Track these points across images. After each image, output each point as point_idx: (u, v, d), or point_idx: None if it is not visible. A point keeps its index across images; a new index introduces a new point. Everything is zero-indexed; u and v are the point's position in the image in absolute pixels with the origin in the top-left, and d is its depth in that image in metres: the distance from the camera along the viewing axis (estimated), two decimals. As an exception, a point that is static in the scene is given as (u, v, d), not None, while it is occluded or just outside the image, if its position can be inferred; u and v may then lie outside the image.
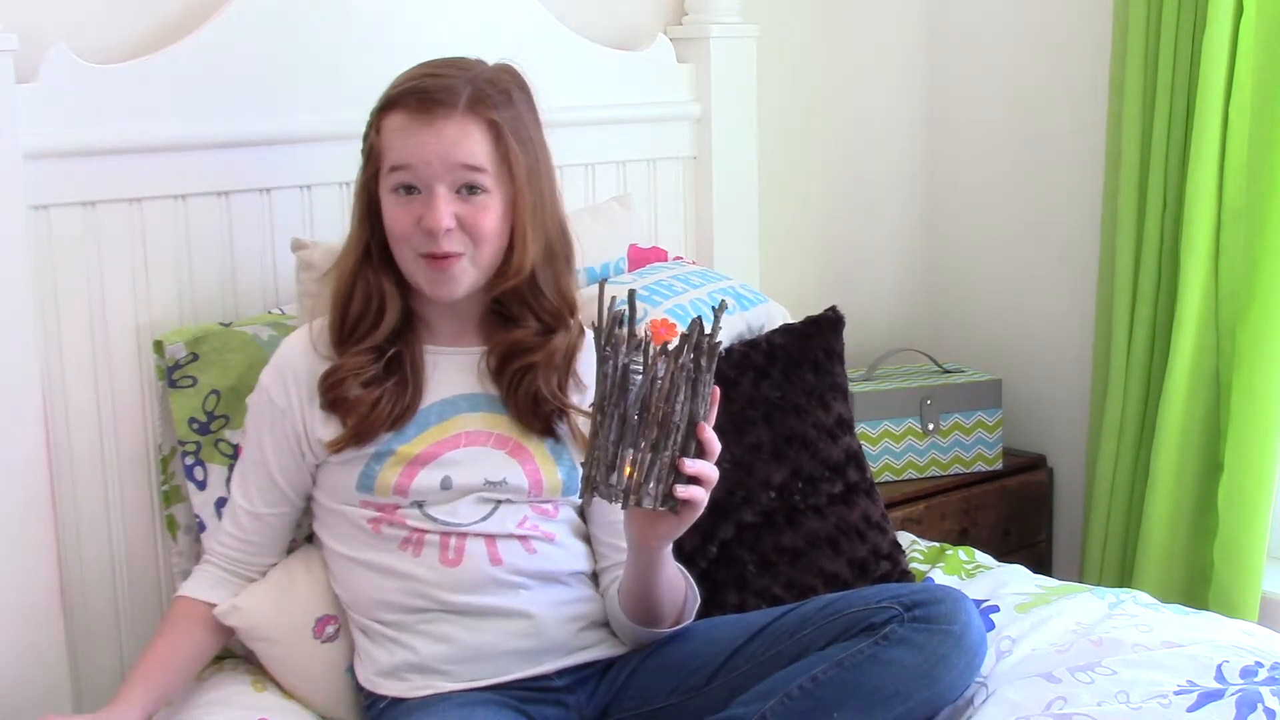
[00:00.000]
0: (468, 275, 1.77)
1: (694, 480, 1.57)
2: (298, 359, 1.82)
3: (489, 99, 1.76)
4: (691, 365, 1.54)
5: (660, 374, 1.53)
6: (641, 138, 2.57)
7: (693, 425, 1.56)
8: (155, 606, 2.10)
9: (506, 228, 1.77)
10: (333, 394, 1.77)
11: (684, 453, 1.56)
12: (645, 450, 1.54)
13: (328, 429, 1.78)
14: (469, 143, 1.74)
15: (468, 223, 1.74)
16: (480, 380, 1.83)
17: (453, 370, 1.83)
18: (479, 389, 1.83)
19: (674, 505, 1.57)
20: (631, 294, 1.59)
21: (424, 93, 1.74)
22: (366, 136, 1.81)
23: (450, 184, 1.73)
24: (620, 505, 1.57)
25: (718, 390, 1.58)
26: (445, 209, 1.72)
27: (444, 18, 2.28)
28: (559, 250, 1.85)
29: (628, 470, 1.54)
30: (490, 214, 1.75)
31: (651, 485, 1.55)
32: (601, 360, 1.54)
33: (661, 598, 1.77)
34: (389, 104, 1.77)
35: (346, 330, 1.80)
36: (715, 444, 1.58)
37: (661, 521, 1.63)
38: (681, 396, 1.54)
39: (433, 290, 1.77)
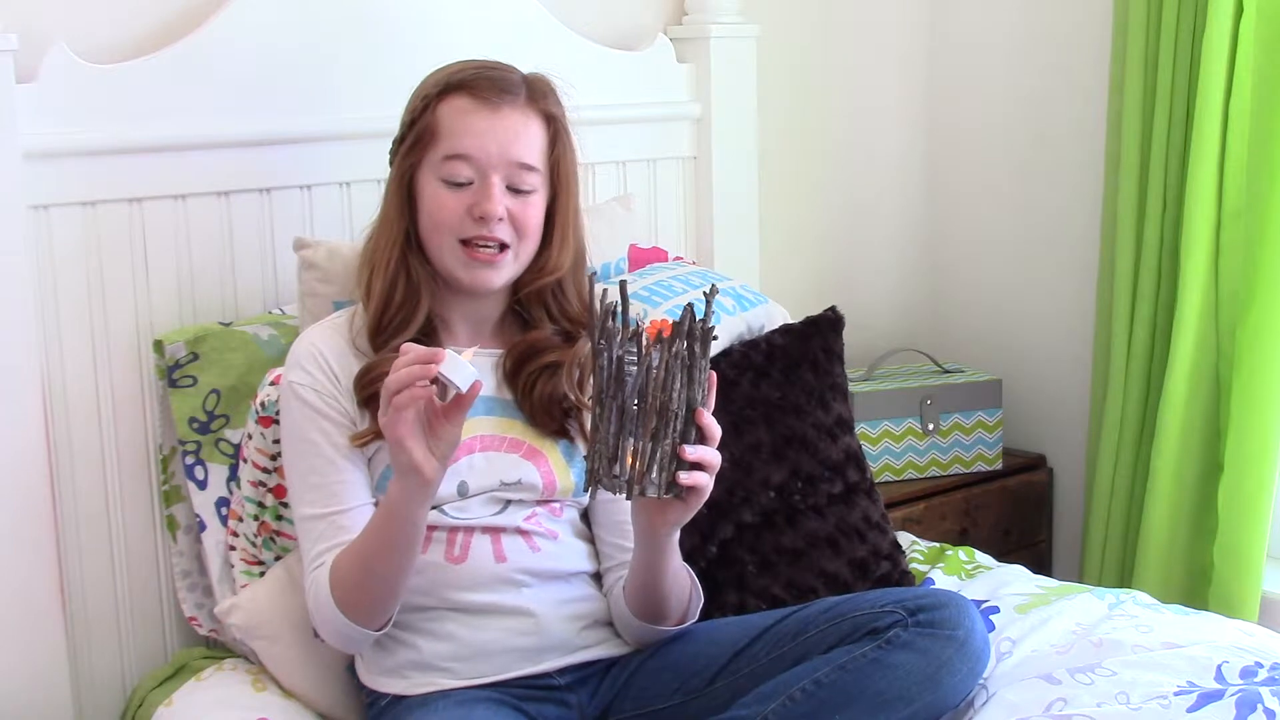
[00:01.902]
0: (509, 268, 1.79)
1: (697, 466, 1.58)
2: (329, 354, 1.78)
3: (545, 94, 1.81)
4: (686, 353, 1.54)
5: (655, 363, 1.54)
6: (641, 138, 2.57)
7: (691, 412, 1.56)
8: (155, 606, 2.10)
9: (542, 227, 1.81)
10: (368, 391, 1.75)
11: (684, 440, 1.56)
12: (645, 440, 1.55)
13: (362, 423, 1.77)
14: (529, 136, 1.78)
15: (516, 216, 1.77)
16: (496, 383, 1.83)
17: None
18: (494, 392, 1.83)
19: (679, 492, 1.58)
20: (623, 284, 1.60)
21: (490, 81, 1.77)
22: (415, 121, 1.79)
23: (504, 177, 1.76)
24: (625, 496, 1.57)
25: (714, 375, 1.59)
26: (500, 198, 1.75)
27: (444, 18, 2.28)
28: (582, 258, 1.87)
29: (630, 461, 1.55)
30: (536, 210, 1.79)
31: (654, 474, 1.55)
32: (596, 354, 1.55)
33: (668, 592, 1.77)
34: (452, 87, 1.77)
35: (383, 325, 1.78)
36: (715, 429, 1.59)
37: (669, 508, 1.63)
38: (678, 384, 1.54)
39: (471, 278, 1.77)
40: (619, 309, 1.56)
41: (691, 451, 1.56)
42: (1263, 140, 2.40)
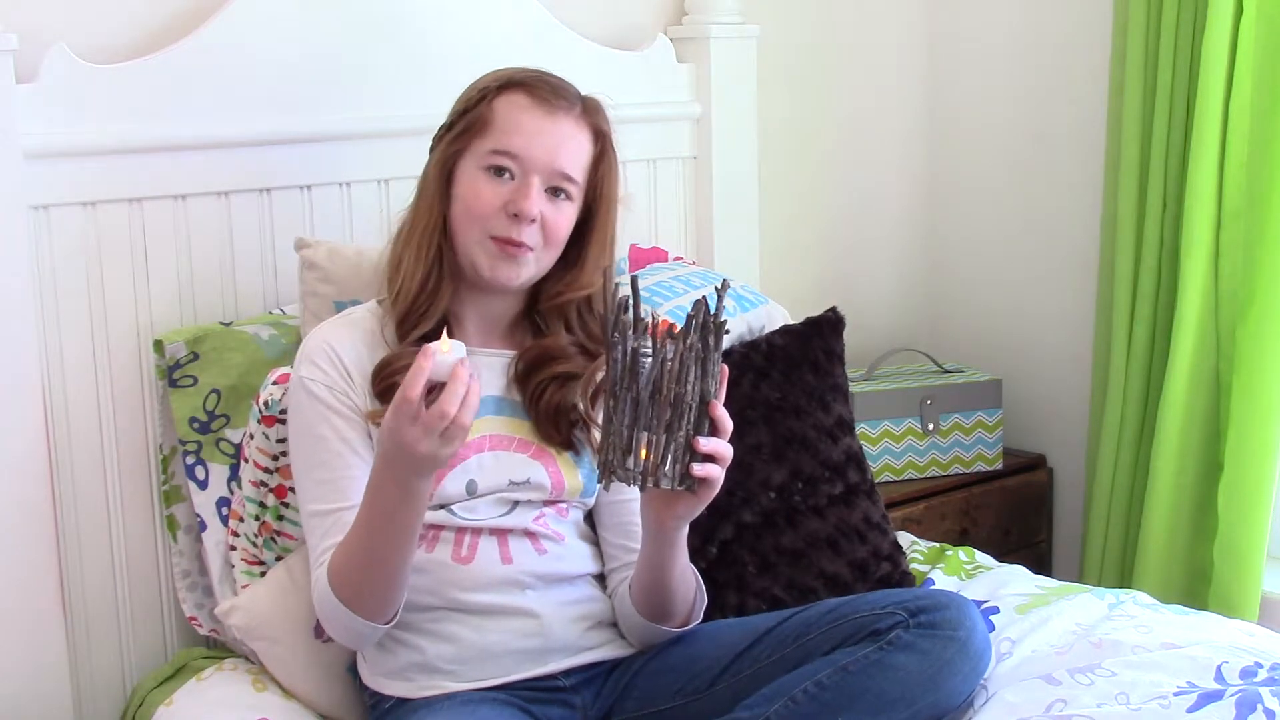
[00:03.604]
0: (530, 269, 1.78)
1: (709, 458, 1.58)
2: (342, 350, 1.77)
3: (598, 111, 1.83)
4: (700, 345, 1.55)
5: (669, 355, 1.55)
6: (641, 138, 2.56)
7: (704, 404, 1.57)
8: (155, 607, 2.10)
9: (567, 239, 1.80)
10: (385, 383, 1.74)
11: (698, 431, 1.57)
12: (660, 432, 1.55)
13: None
14: (576, 146, 1.78)
15: (548, 222, 1.76)
16: (505, 384, 1.83)
17: (481, 371, 1.82)
18: (502, 393, 1.83)
19: (691, 484, 1.58)
20: (634, 279, 1.60)
21: (550, 86, 1.79)
22: (468, 110, 1.79)
23: (544, 180, 1.76)
24: (639, 487, 1.57)
25: (726, 369, 1.60)
26: (537, 200, 1.75)
27: (445, 18, 2.28)
28: (610, 280, 1.86)
29: (644, 453, 1.55)
30: (567, 219, 1.79)
31: (668, 466, 1.56)
32: (610, 346, 1.56)
33: (674, 590, 1.77)
34: (513, 84, 1.78)
35: (412, 312, 1.77)
36: (728, 421, 1.59)
37: (680, 501, 1.63)
38: (692, 376, 1.55)
39: (494, 272, 1.76)
40: (630, 303, 1.56)
41: (705, 443, 1.57)
42: (1263, 140, 2.40)
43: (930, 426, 2.75)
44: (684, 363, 1.55)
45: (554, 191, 1.77)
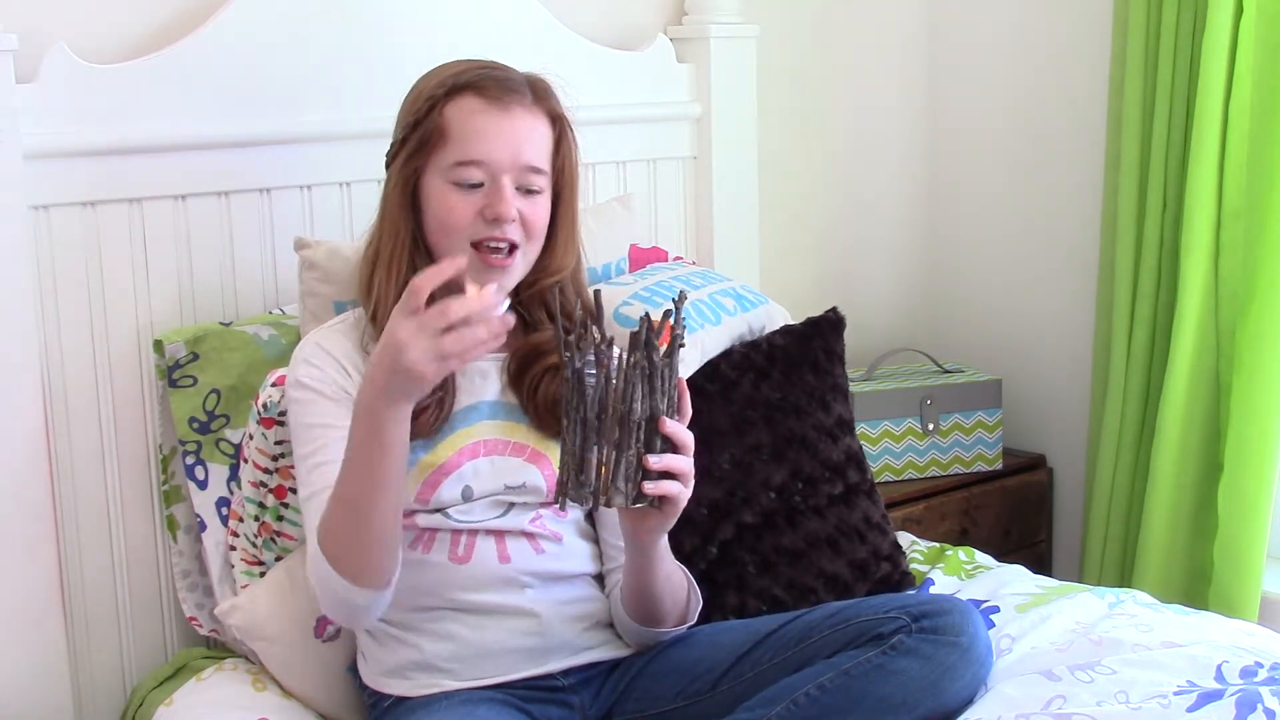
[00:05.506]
0: (518, 270, 1.78)
1: (667, 475, 1.56)
2: (336, 351, 1.76)
3: (548, 95, 1.80)
4: (645, 362, 1.54)
5: (613, 373, 1.54)
6: (641, 138, 2.57)
7: (655, 421, 1.55)
8: (156, 607, 2.10)
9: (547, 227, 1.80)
10: None
11: (650, 449, 1.55)
12: (609, 450, 1.54)
13: None
14: (538, 137, 1.77)
15: (526, 217, 1.76)
16: (499, 387, 1.83)
17: (475, 376, 1.82)
18: (498, 396, 1.83)
19: (651, 501, 1.57)
20: (597, 294, 1.60)
21: (496, 81, 1.75)
22: (419, 122, 1.76)
23: (514, 179, 1.75)
24: (591, 507, 1.56)
25: (684, 382, 1.58)
26: (512, 201, 1.74)
27: (445, 18, 2.28)
28: (581, 258, 1.87)
29: (596, 471, 1.54)
30: (544, 210, 1.79)
31: (621, 484, 1.54)
32: (561, 366, 1.55)
33: (661, 594, 1.77)
34: (458, 88, 1.75)
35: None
36: (685, 436, 1.58)
37: (647, 516, 1.63)
38: (639, 394, 1.54)
39: (483, 282, 1.75)
40: (587, 319, 1.56)
41: (656, 461, 1.55)
42: (1263, 140, 2.40)
43: (930, 426, 2.75)
44: (629, 381, 1.53)
45: (525, 187, 1.76)
